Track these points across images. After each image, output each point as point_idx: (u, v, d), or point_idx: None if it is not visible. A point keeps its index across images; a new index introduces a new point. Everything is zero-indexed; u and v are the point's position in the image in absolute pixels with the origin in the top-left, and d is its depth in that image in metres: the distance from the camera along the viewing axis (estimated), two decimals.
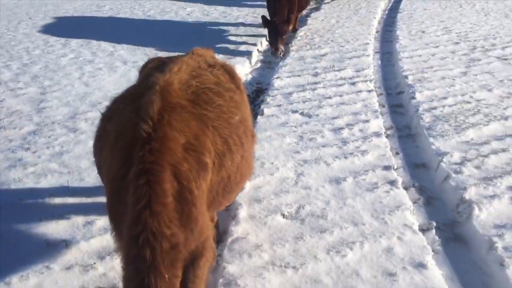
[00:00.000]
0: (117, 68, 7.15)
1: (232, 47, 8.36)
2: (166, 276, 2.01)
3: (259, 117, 5.55)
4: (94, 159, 2.80)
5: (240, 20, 10.39)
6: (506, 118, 5.70)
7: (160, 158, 2.09)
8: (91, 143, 4.77)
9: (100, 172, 2.69)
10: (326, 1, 12.28)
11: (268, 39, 8.08)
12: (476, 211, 3.95)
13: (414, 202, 4.27)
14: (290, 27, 8.25)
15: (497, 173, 4.52)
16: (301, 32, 9.32)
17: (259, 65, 7.94)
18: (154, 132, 2.12)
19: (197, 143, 2.32)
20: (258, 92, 6.76)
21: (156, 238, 1.99)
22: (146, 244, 1.97)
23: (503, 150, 4.94)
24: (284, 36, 7.86)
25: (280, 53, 7.79)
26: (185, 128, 2.29)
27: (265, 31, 8.24)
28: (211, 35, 9.12)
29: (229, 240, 3.50)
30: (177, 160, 2.16)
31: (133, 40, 8.67)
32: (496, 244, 3.55)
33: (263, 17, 7.85)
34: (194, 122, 2.38)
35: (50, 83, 6.52)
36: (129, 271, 2.02)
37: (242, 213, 3.80)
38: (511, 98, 6.37)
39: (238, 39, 8.94)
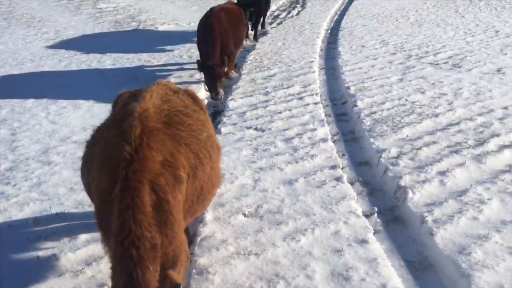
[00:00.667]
0: (81, 105, 7.58)
1: (185, 77, 8.84)
2: (151, 268, 2.43)
3: (217, 135, 6.08)
4: (82, 181, 3.20)
5: (193, 50, 10.95)
6: (436, 116, 6.46)
7: (140, 175, 2.52)
8: (65, 172, 5.27)
9: (88, 190, 3.10)
10: (272, 26, 13.07)
11: (205, 83, 7.73)
12: (410, 194, 4.59)
13: (359, 194, 4.89)
14: (226, 68, 7.84)
15: (428, 162, 5.20)
16: (250, 56, 9.99)
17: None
18: (136, 153, 2.55)
19: (172, 159, 2.75)
20: (215, 114, 7.32)
21: (139, 239, 2.41)
22: (132, 246, 2.39)
23: (434, 143, 5.65)
24: (222, 79, 7.59)
25: (221, 97, 7.52)
26: (162, 147, 2.72)
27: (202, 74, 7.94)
28: (164, 69, 9.61)
29: (198, 239, 4.00)
30: (155, 176, 2.59)
31: (91, 80, 9.10)
32: (426, 218, 4.19)
33: (198, 61, 7.55)
34: (169, 142, 2.81)
35: (19, 124, 6.89)
36: (118, 270, 2.43)
37: (208, 216, 4.31)
38: (441, 98, 7.17)
39: (192, 67, 9.45)
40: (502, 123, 6.12)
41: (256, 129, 6.33)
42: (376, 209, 4.60)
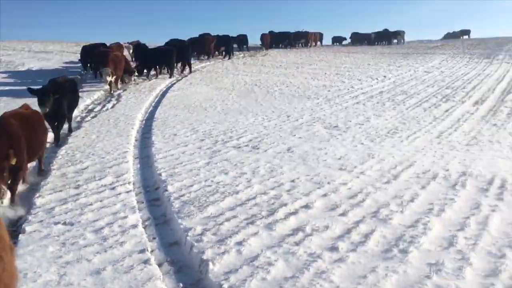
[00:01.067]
0: None
1: None
2: None
3: (20, 235, 5.90)
4: None
5: None
6: (237, 193, 7.24)
7: None
8: None
9: None
10: (87, 120, 13.17)
11: None
12: (211, 266, 5.06)
13: (166, 273, 5.19)
14: (12, 163, 6.77)
15: (228, 234, 5.79)
16: (62, 151, 9.88)
17: (20, 189, 8.15)
18: None
19: None
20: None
21: None
22: None
23: (234, 217, 6.33)
24: (4, 174, 6.70)
25: (2, 194, 6.68)
26: None
27: None
28: None
29: None
30: None
31: None
32: (223, 286, 4.67)
33: None
34: None
35: None
36: None
37: None
38: (242, 176, 8.06)
39: None
40: (289, 194, 7.16)
41: (64, 223, 6.29)
42: (181, 285, 4.93)
